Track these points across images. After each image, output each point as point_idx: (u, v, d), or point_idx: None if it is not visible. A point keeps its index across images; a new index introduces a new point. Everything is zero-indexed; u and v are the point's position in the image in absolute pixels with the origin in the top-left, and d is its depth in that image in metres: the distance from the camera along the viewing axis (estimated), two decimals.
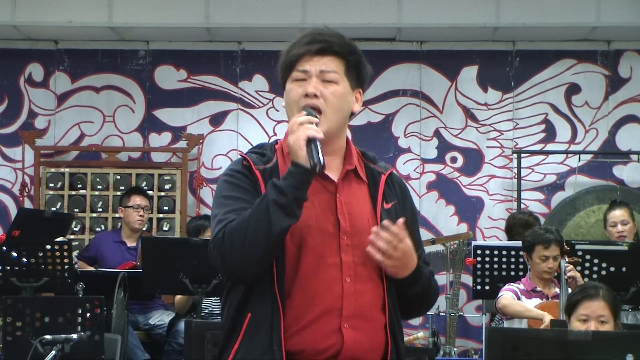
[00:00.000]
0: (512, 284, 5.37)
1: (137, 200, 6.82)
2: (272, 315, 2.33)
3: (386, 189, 2.51)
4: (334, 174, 2.47)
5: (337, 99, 2.42)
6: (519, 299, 5.21)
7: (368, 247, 2.36)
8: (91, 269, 6.66)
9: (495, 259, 5.89)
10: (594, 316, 3.92)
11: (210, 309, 6.23)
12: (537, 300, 5.17)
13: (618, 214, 6.20)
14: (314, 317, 2.36)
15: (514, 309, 5.18)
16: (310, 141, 2.31)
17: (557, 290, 5.19)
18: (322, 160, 2.29)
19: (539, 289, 5.26)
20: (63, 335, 4.09)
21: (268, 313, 2.34)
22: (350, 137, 2.65)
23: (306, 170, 2.30)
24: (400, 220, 2.37)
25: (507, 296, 5.23)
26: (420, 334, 6.10)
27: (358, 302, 2.38)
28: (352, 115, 2.52)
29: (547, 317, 4.92)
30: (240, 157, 2.48)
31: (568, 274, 5.00)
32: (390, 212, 2.48)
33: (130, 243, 6.78)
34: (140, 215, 6.79)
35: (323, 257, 2.38)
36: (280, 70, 2.50)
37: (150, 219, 7.52)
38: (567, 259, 5.12)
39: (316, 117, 2.38)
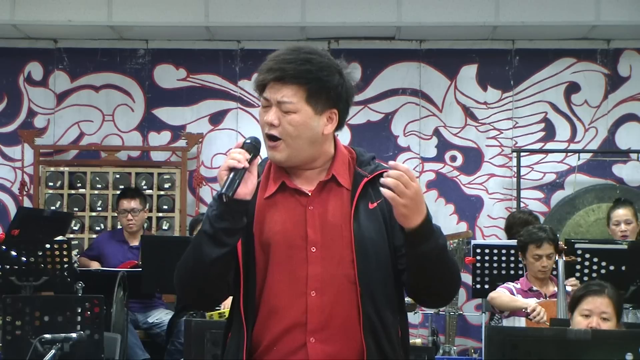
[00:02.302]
0: (509, 283, 5.38)
1: (124, 204, 6.77)
2: (239, 336, 2.40)
3: (369, 191, 2.47)
4: (313, 185, 2.47)
5: (293, 128, 2.41)
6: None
7: (381, 189, 2.31)
8: (95, 263, 6.66)
9: (495, 258, 5.89)
10: (596, 312, 3.92)
11: None
12: (534, 300, 5.17)
13: (622, 212, 6.18)
14: (279, 332, 2.37)
15: (501, 299, 5.22)
16: (231, 171, 2.33)
17: (555, 289, 5.19)
18: (229, 190, 2.30)
19: (535, 288, 5.25)
20: (62, 334, 4.10)
21: (237, 334, 2.41)
22: (349, 137, 2.65)
23: (222, 201, 2.33)
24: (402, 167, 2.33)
25: (500, 291, 5.27)
26: (418, 340, 6.13)
27: (324, 314, 2.37)
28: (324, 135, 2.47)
29: (532, 305, 4.95)
30: None
31: (570, 286, 4.99)
32: (374, 211, 2.45)
33: (133, 242, 6.77)
34: (129, 220, 6.73)
35: (290, 271, 2.39)
36: (255, 91, 2.54)
37: (150, 218, 7.52)
38: (564, 258, 5.12)
39: (256, 148, 2.40)
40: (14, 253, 5.67)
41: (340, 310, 2.39)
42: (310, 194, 2.45)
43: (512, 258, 5.84)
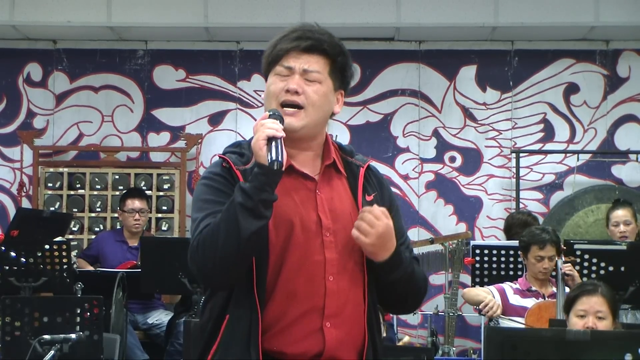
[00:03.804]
0: (507, 282, 5.38)
1: (132, 204, 6.78)
2: (251, 318, 2.32)
3: (365, 182, 2.50)
4: (313, 171, 2.46)
5: (318, 97, 2.40)
6: (505, 296, 5.22)
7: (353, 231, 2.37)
8: (91, 268, 6.66)
9: (494, 259, 5.89)
10: (591, 311, 3.92)
11: None
12: (532, 300, 5.17)
13: (621, 213, 6.16)
14: (296, 316, 2.35)
15: (469, 294, 5.38)
16: (271, 140, 2.28)
17: (554, 289, 5.19)
18: (279, 157, 2.26)
19: (534, 288, 5.26)
20: (62, 335, 4.09)
21: (246, 315, 2.32)
22: (348, 137, 2.65)
23: (268, 171, 2.27)
24: (378, 208, 2.38)
25: (476, 287, 5.39)
26: (406, 338, 6.14)
27: (340, 300, 2.38)
28: (332, 115, 2.51)
29: (486, 301, 5.05)
30: (219, 158, 2.45)
31: (565, 270, 5.00)
32: (372, 204, 2.46)
33: (132, 243, 6.77)
34: (136, 219, 6.74)
35: (307, 255, 2.37)
36: (264, 61, 2.48)
37: (149, 219, 7.51)
38: (564, 259, 5.11)
39: (281, 117, 2.35)
40: (13, 254, 5.66)
41: (352, 297, 2.41)
42: (317, 179, 2.45)
43: (512, 259, 5.84)
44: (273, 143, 2.27)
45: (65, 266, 5.70)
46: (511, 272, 5.81)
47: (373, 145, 7.66)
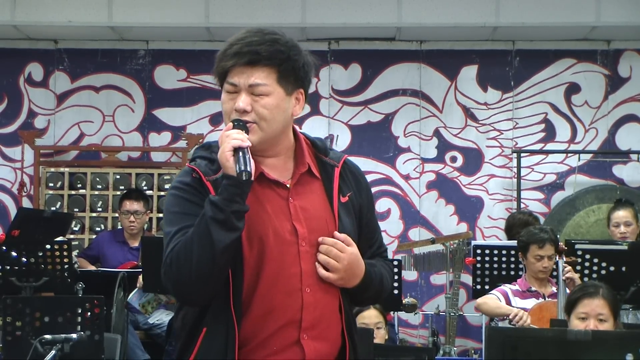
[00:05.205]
0: (505, 285, 5.36)
1: (127, 205, 6.76)
2: (228, 333, 2.29)
3: (341, 182, 2.46)
4: (285, 175, 2.42)
5: (268, 111, 2.34)
6: (508, 300, 5.20)
7: (318, 268, 2.36)
8: (92, 267, 6.65)
9: (495, 259, 5.88)
10: (593, 314, 3.92)
11: None
12: (533, 300, 5.16)
13: (622, 214, 6.13)
14: (273, 330, 2.33)
15: (487, 306, 5.21)
16: (237, 150, 2.25)
17: (554, 289, 5.19)
18: (248, 167, 2.23)
19: (534, 288, 5.25)
20: (63, 335, 4.08)
21: (223, 330, 2.30)
22: (350, 137, 2.63)
23: (237, 182, 2.24)
24: (340, 235, 2.37)
25: (489, 296, 5.25)
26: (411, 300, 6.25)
27: (317, 311, 2.36)
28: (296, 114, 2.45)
29: (514, 310, 4.94)
30: (188, 168, 2.39)
31: (566, 275, 5.00)
32: (347, 205, 2.45)
33: (133, 243, 6.76)
34: (131, 221, 6.73)
35: (283, 267, 2.34)
36: (214, 76, 2.43)
37: (150, 219, 7.50)
38: (565, 259, 5.11)
39: (245, 127, 2.31)
40: (14, 254, 5.67)
41: (328, 307, 2.40)
42: (289, 186, 2.41)
43: (513, 259, 5.84)
44: (240, 153, 2.25)
45: (66, 266, 5.71)
46: (512, 272, 5.81)
47: (374, 145, 7.66)
